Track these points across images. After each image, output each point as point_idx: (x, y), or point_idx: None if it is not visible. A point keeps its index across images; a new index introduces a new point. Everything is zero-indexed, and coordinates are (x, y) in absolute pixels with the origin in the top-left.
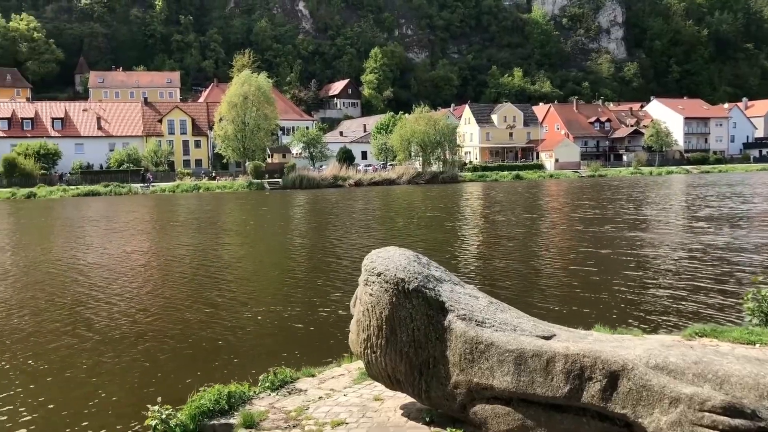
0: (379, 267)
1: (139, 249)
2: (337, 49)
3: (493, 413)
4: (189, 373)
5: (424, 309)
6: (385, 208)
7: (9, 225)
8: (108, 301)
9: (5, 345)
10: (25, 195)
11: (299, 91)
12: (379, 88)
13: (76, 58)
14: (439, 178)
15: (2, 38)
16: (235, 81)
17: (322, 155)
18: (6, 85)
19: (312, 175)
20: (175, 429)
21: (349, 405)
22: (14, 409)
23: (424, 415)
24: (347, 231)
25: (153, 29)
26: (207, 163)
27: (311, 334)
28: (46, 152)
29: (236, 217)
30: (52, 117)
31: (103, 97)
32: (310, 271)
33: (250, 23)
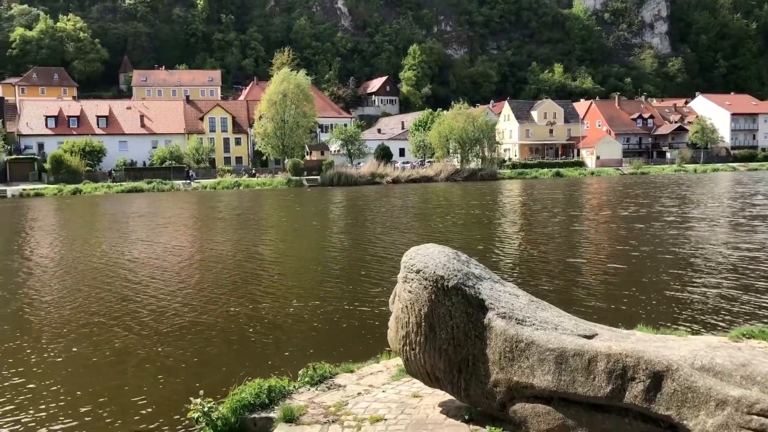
0: (418, 264)
1: (182, 244)
2: (376, 47)
3: (534, 412)
4: (229, 367)
5: (464, 307)
6: (423, 205)
7: (58, 220)
8: (152, 296)
9: (56, 337)
10: (72, 191)
11: (338, 89)
12: (418, 85)
13: (120, 57)
14: (477, 176)
15: (50, 39)
16: (275, 79)
17: (360, 152)
18: (53, 84)
19: (350, 172)
20: (217, 422)
21: (388, 401)
22: (63, 398)
23: (463, 413)
24: (385, 228)
25: (195, 28)
26: (247, 160)
27: (349, 331)
28: (91, 149)
29: (276, 213)
30: (97, 115)
31: (146, 95)
32: (349, 267)
33: (290, 21)
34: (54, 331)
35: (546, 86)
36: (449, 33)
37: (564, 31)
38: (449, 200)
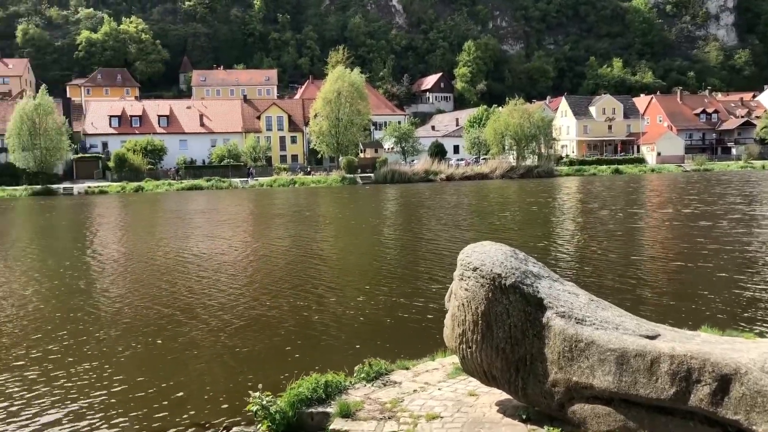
0: (474, 262)
1: (242, 240)
2: (430, 44)
3: (593, 413)
4: (287, 362)
5: (522, 305)
6: (478, 202)
7: (123, 217)
8: (213, 291)
9: (122, 329)
10: (134, 189)
11: (392, 86)
12: (473, 82)
13: (180, 57)
14: (533, 173)
15: (113, 40)
16: (330, 77)
17: (414, 150)
18: (116, 85)
19: (403, 169)
20: (275, 415)
21: (444, 399)
22: (127, 388)
23: (520, 413)
24: (440, 225)
25: (252, 28)
26: (302, 158)
27: (405, 327)
28: (152, 148)
29: (331, 210)
30: (158, 114)
31: (205, 95)
32: (404, 264)
33: (345, 20)
34: (120, 324)
35: (605, 81)
36: (505, 28)
37: (624, 25)
38: (505, 197)
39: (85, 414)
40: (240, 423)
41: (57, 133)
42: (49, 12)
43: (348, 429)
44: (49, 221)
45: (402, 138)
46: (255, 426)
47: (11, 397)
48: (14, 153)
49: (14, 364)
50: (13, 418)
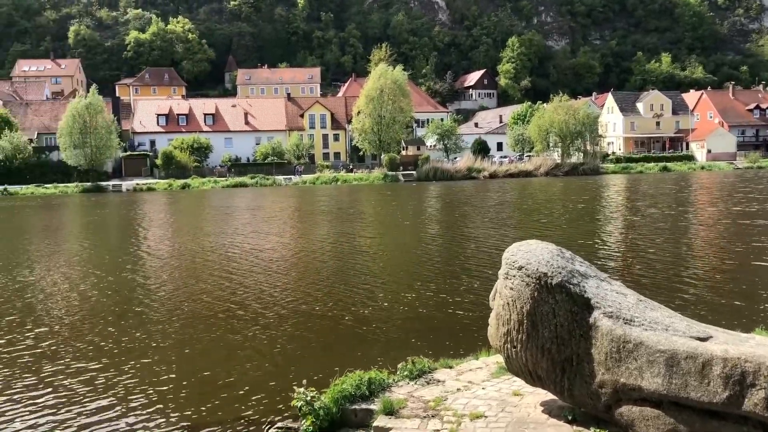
0: (520, 260)
1: (286, 237)
2: (474, 40)
3: (641, 415)
4: (330, 358)
5: (568, 305)
6: (522, 200)
7: (171, 213)
8: (259, 286)
9: (169, 325)
10: (180, 186)
11: (434, 83)
12: (516, 78)
13: (225, 56)
14: (579, 170)
15: (161, 40)
16: (372, 75)
17: (457, 147)
18: (164, 84)
19: (446, 167)
20: (319, 411)
21: (488, 398)
22: (172, 381)
23: (566, 413)
24: (483, 223)
25: (296, 27)
26: (345, 155)
27: (448, 326)
28: (199, 146)
29: (373, 208)
30: (204, 113)
31: (250, 93)
32: (447, 262)
33: (388, 17)
34: (170, 318)
35: (653, 77)
36: (550, 24)
37: (673, 19)
38: (550, 195)
39: (134, 404)
40: (285, 418)
41: (107, 131)
42: (99, 13)
43: (391, 426)
44: (101, 217)
45: (444, 135)
46: (299, 421)
47: (68, 385)
48: (66, 151)
49: (71, 354)
50: (69, 406)
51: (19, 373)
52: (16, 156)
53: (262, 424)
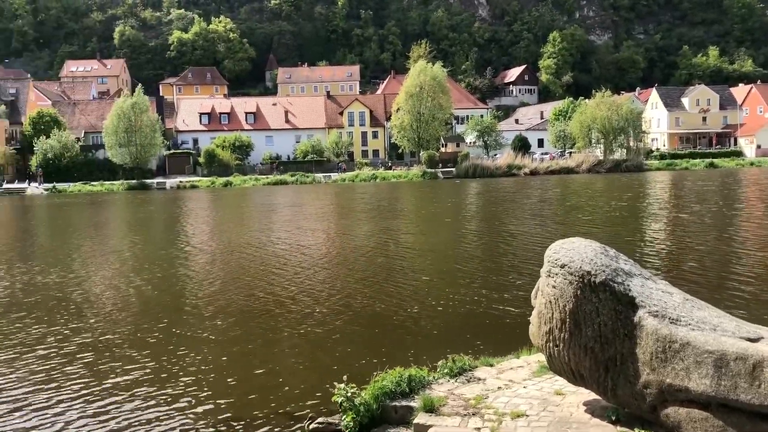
0: (563, 258)
1: (327, 233)
2: (514, 35)
3: (689, 417)
4: (370, 354)
5: (612, 304)
6: (564, 197)
7: (215, 210)
8: (299, 282)
9: (213, 318)
10: (223, 183)
11: (474, 80)
12: (558, 73)
13: (266, 55)
14: (622, 167)
15: (203, 40)
16: (412, 72)
17: (497, 144)
18: (206, 83)
19: (486, 164)
20: (360, 407)
21: (529, 397)
22: (214, 376)
23: (609, 414)
24: (524, 221)
25: (335, 25)
26: (383, 153)
27: (488, 324)
28: (240, 144)
29: (413, 205)
30: (246, 111)
31: (290, 92)
32: (487, 259)
33: (427, 14)
34: (214, 312)
35: (699, 71)
36: (592, 18)
37: (720, 11)
38: (592, 192)
39: (179, 397)
40: (325, 413)
41: (151, 130)
42: (143, 14)
43: (432, 424)
44: (148, 214)
45: (484, 132)
46: (340, 417)
47: (116, 377)
48: (111, 149)
49: (120, 346)
50: (116, 397)
51: (70, 364)
52: (64, 154)
53: (302, 418)
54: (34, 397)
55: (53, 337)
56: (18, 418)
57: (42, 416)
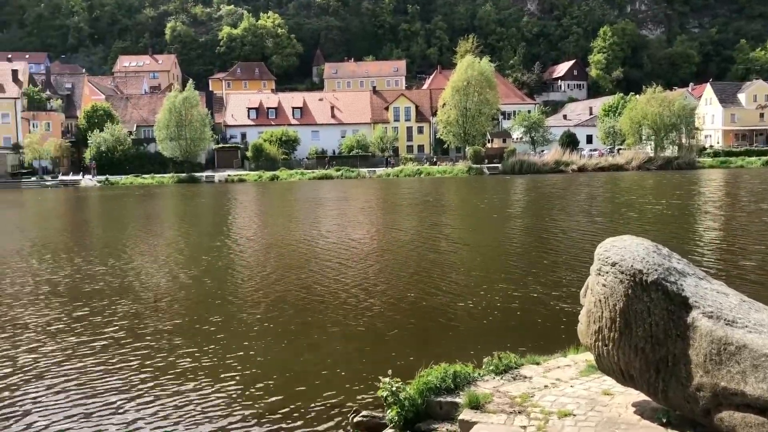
0: (614, 257)
1: (373, 228)
2: (563, 30)
3: (744, 422)
4: (414, 349)
5: (664, 303)
6: (613, 195)
7: (264, 202)
8: (345, 276)
9: (260, 311)
10: (269, 177)
11: (522, 75)
12: (608, 69)
13: (313, 50)
14: (673, 164)
15: (252, 35)
16: (459, 67)
17: (544, 139)
18: (254, 78)
19: (533, 160)
20: (404, 402)
21: (576, 397)
22: (257, 366)
23: (659, 416)
24: (573, 217)
25: (382, 20)
26: (428, 148)
27: (534, 321)
28: (287, 139)
29: (457, 200)
30: (293, 106)
31: (336, 87)
32: (534, 256)
33: (474, 8)
34: (261, 304)
35: (757, 66)
36: (644, 12)
37: None
38: (643, 190)
39: (223, 386)
40: (369, 407)
41: (201, 124)
42: (194, 10)
43: (477, 420)
44: (198, 207)
45: (532, 127)
46: (384, 411)
47: (160, 364)
48: (162, 143)
49: (168, 333)
50: (160, 384)
51: (123, 352)
52: (116, 147)
53: (346, 411)
54: (92, 382)
55: (107, 325)
56: (78, 401)
57: (93, 403)
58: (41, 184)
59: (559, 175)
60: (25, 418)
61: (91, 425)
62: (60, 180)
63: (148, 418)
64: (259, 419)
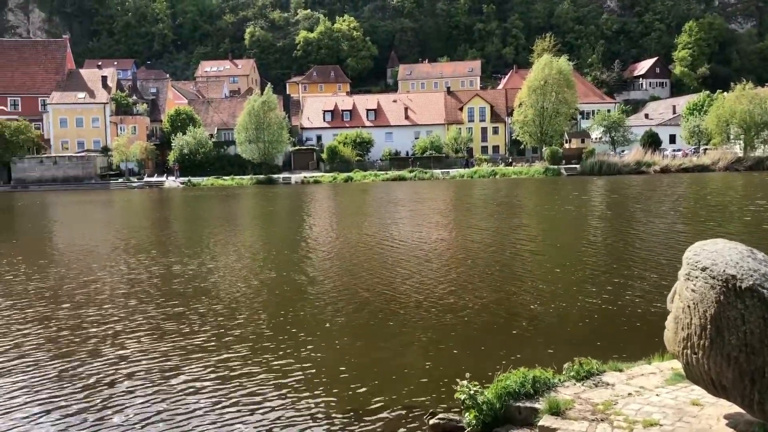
0: (704, 261)
1: (448, 229)
2: (645, 26)
3: None
4: (490, 353)
5: (760, 311)
6: (699, 196)
7: (338, 204)
8: (421, 276)
9: (334, 311)
10: (344, 179)
11: (601, 73)
12: (693, 65)
13: (387, 52)
14: (764, 164)
15: (328, 38)
16: (536, 66)
17: (625, 139)
18: (330, 81)
19: (612, 160)
20: (482, 406)
21: (662, 406)
22: (334, 364)
23: (755, 429)
24: (657, 219)
25: (457, 20)
26: (504, 149)
27: (616, 327)
28: (361, 140)
29: (534, 202)
30: (367, 108)
31: (410, 88)
32: (616, 259)
33: (552, 6)
34: (335, 304)
35: None
36: (733, 5)
37: None
38: (733, 191)
39: (296, 383)
40: (445, 410)
41: (278, 127)
42: (272, 15)
43: (558, 427)
44: (277, 207)
45: (611, 127)
46: (461, 414)
47: (239, 364)
48: (242, 145)
49: (243, 330)
50: (233, 382)
51: (198, 349)
52: (198, 150)
53: (422, 413)
54: (171, 377)
55: (183, 324)
56: (157, 395)
57: (169, 397)
58: (128, 186)
59: (640, 176)
60: (121, 415)
61: (183, 422)
62: (145, 181)
63: (214, 413)
64: (333, 417)
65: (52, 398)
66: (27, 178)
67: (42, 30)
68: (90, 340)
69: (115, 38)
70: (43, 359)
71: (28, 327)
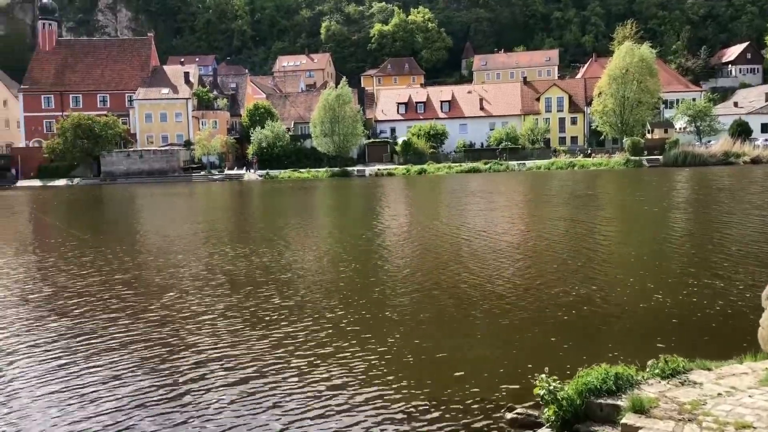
0: None
1: (524, 222)
2: (735, 10)
3: None
4: (568, 347)
5: None
6: None
7: (413, 196)
8: (499, 271)
9: (410, 303)
10: (417, 171)
11: (686, 60)
12: None
13: (462, 43)
14: None
15: (402, 31)
16: (616, 54)
17: (711, 129)
18: (404, 73)
19: (698, 151)
20: (562, 402)
21: (757, 408)
22: (410, 355)
23: None
24: (748, 213)
25: (534, 9)
26: (582, 139)
27: (704, 325)
28: (435, 133)
29: (616, 194)
30: (441, 100)
31: (486, 79)
32: (703, 255)
33: None
34: (406, 294)
35: None
36: None
37: None
38: None
39: (370, 376)
40: (524, 405)
41: (353, 120)
42: (347, 9)
43: (642, 426)
44: (352, 199)
45: (697, 116)
46: (540, 409)
47: (305, 353)
48: (317, 139)
49: (313, 321)
50: (303, 375)
51: (264, 341)
52: (276, 144)
53: (499, 407)
54: (248, 367)
55: (271, 313)
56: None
57: (231, 387)
58: (209, 178)
59: (728, 167)
60: (211, 409)
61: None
62: (225, 174)
63: (286, 405)
64: (410, 409)
65: (147, 389)
66: (115, 171)
67: (128, 28)
68: (188, 325)
69: (196, 35)
70: (149, 341)
71: (121, 316)
